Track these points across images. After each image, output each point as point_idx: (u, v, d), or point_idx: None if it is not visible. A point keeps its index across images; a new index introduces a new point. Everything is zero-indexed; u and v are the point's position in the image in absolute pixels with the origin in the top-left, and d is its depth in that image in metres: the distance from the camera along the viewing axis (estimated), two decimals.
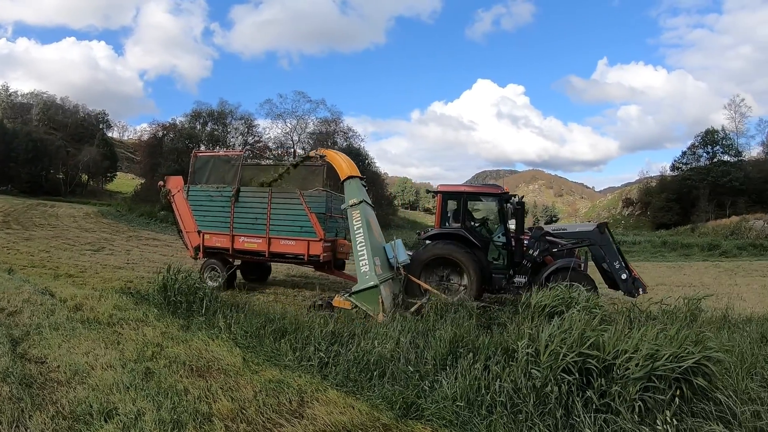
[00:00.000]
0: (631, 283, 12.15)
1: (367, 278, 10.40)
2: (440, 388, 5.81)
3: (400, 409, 5.63)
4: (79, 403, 5.38)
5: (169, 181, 15.70)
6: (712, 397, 5.25)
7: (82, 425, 4.98)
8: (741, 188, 54.35)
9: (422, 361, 6.56)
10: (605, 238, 12.62)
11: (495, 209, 13.38)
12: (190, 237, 14.94)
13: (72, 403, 5.42)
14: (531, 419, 5.05)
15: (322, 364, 6.86)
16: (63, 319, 8.69)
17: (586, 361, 5.41)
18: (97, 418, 5.09)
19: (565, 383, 5.22)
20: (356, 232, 11.00)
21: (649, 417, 4.92)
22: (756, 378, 6.04)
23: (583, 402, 5.16)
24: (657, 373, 5.16)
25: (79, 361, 6.63)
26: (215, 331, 8.23)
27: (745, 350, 6.96)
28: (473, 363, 6.08)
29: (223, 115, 51.57)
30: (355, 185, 11.72)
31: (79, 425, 4.99)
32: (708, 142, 61.46)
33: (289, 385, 6.21)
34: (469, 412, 5.36)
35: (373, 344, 7.05)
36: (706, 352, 5.48)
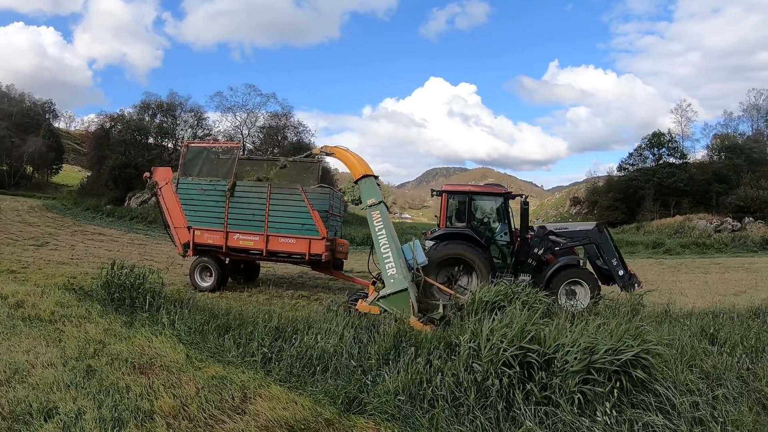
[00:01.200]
0: (627, 279, 12.63)
1: (396, 281, 9.86)
2: (383, 382, 5.80)
3: (342, 403, 5.60)
4: (18, 403, 5.22)
5: (156, 173, 14.82)
6: (652, 388, 5.34)
7: (22, 425, 4.84)
8: (685, 189, 55.98)
9: (365, 356, 6.53)
10: (603, 237, 13.20)
11: (499, 208, 13.56)
12: (179, 233, 14.18)
13: (11, 402, 5.24)
14: (472, 412, 5.06)
15: (265, 360, 6.77)
16: (3, 317, 8.43)
17: (527, 355, 5.45)
18: (37, 417, 4.95)
19: (505, 376, 5.25)
20: (378, 233, 10.48)
21: (589, 409, 5.00)
22: (695, 370, 6.19)
23: (524, 395, 5.19)
24: (596, 366, 5.24)
25: (20, 360, 6.42)
26: (159, 327, 8.04)
27: (685, 344, 7.14)
28: (415, 357, 6.08)
29: (172, 107, 50.50)
30: (371, 184, 11.18)
31: (18, 425, 4.84)
32: (654, 144, 63.18)
33: (232, 381, 6.13)
34: (411, 406, 5.35)
35: (316, 339, 6.98)
36: (644, 346, 5.59)
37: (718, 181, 55.49)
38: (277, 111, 46.87)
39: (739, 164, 55.80)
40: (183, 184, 14.18)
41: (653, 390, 5.32)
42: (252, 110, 45.82)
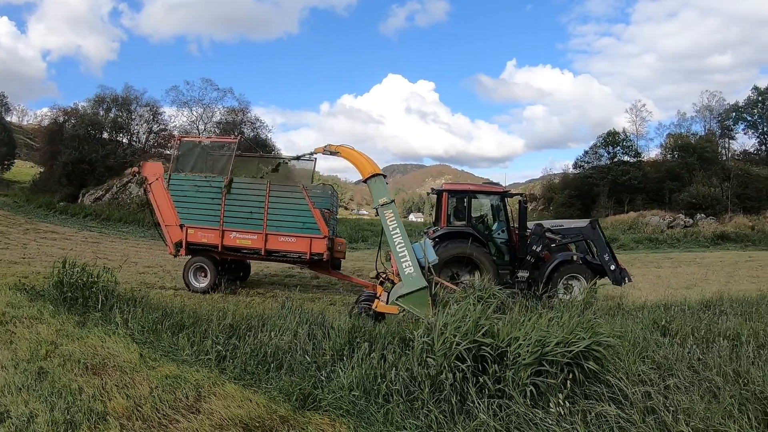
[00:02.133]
0: (618, 273, 13.32)
1: (414, 280, 9.69)
2: (337, 378, 5.78)
3: (297, 400, 5.57)
4: None
5: (145, 168, 14.23)
6: (604, 379, 5.41)
7: None
8: (639, 186, 57.17)
9: (320, 352, 6.50)
10: (596, 233, 13.84)
11: (497, 207, 14.05)
12: (170, 231, 13.66)
13: None
14: (427, 406, 5.06)
15: (219, 358, 6.70)
16: None
17: (481, 348, 5.47)
18: None
19: (459, 370, 5.27)
20: (393, 232, 10.20)
21: (542, 400, 5.04)
22: (647, 361, 6.27)
23: (478, 388, 5.22)
24: (548, 359, 5.28)
25: None
26: (112, 327, 7.85)
27: (637, 335, 7.32)
28: (369, 353, 6.07)
29: (128, 101, 49.32)
30: (381, 183, 10.88)
31: None
32: (609, 143, 64.36)
33: (186, 380, 6.06)
34: (366, 401, 5.34)
35: (270, 336, 6.92)
36: (596, 338, 5.67)
37: (671, 178, 56.89)
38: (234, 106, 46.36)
39: (691, 163, 57.25)
40: (175, 179, 13.72)
41: (606, 381, 5.38)
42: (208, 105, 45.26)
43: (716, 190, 53.35)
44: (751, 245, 38.71)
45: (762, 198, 55.15)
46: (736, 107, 63.72)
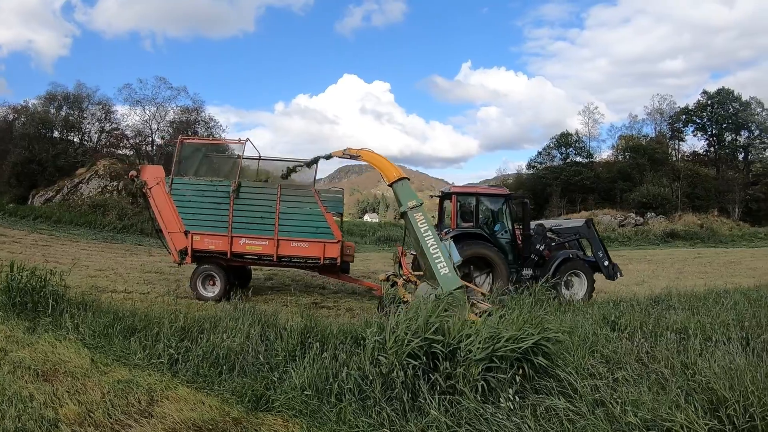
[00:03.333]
0: (611, 268, 14.29)
1: (450, 279, 9.97)
2: (289, 378, 5.78)
3: (250, 402, 5.56)
4: None
5: (144, 171, 13.39)
6: (554, 374, 5.53)
7: None
8: (591, 187, 58.44)
9: (272, 353, 6.49)
10: (591, 232, 14.73)
11: (502, 208, 14.32)
12: (174, 238, 12.93)
13: None
14: (379, 404, 5.10)
15: (172, 361, 6.61)
16: None
17: (432, 346, 5.54)
18: None
19: (410, 368, 5.32)
20: (425, 234, 10.43)
21: (493, 396, 5.12)
22: (597, 355, 6.45)
23: (430, 385, 5.28)
24: (498, 355, 5.38)
25: None
26: (62, 332, 7.66)
27: (587, 331, 7.48)
28: (321, 352, 6.08)
29: (79, 99, 47.78)
30: (407, 186, 11.17)
31: None
32: (562, 144, 65.68)
33: (138, 384, 5.96)
34: (319, 401, 5.35)
35: (222, 338, 6.86)
36: (545, 334, 5.80)
37: (623, 179, 58.38)
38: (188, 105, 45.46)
39: (642, 163, 58.81)
40: (178, 184, 13.01)
41: (555, 375, 5.51)
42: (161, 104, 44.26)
43: (666, 190, 55.08)
44: (699, 242, 39.95)
45: (710, 197, 57.13)
46: (687, 110, 65.43)
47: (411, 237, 11.30)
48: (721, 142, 64.97)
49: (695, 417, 4.48)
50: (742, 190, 58.01)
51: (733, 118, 62.61)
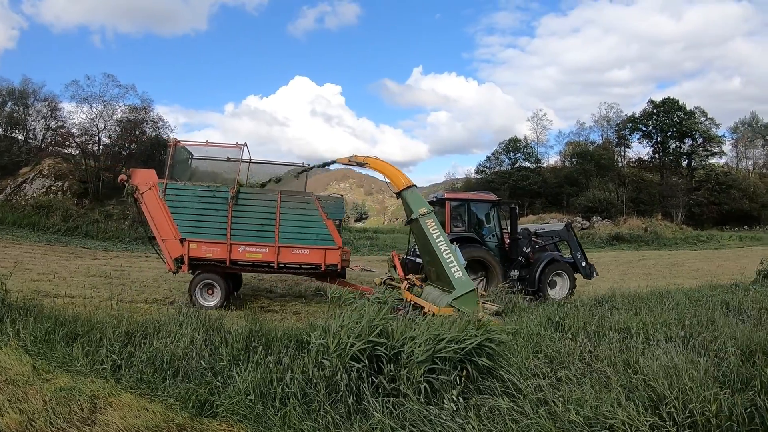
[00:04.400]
0: (588, 269, 15.59)
1: (464, 283, 10.45)
2: (233, 383, 5.72)
3: (194, 407, 5.48)
4: None
5: (135, 176, 12.80)
6: (497, 374, 5.60)
7: None
8: (538, 191, 59.61)
9: (217, 358, 6.42)
10: (570, 235, 16.15)
11: (489, 213, 15.15)
12: (169, 246, 12.48)
13: None
14: (323, 408, 5.09)
15: (115, 367, 6.45)
16: None
17: (376, 349, 5.56)
18: None
19: (354, 371, 5.32)
20: (437, 240, 10.87)
21: (437, 397, 5.16)
22: (540, 355, 6.54)
23: (374, 387, 5.30)
24: (440, 356, 5.44)
25: None
26: (3, 338, 7.41)
27: (532, 331, 7.60)
28: (265, 356, 6.05)
29: (25, 94, 45.90)
30: (417, 194, 11.59)
31: None
32: (511, 149, 66.89)
33: (81, 391, 5.80)
34: (263, 406, 5.30)
35: (166, 343, 6.73)
36: (488, 335, 5.90)
37: (570, 183, 59.85)
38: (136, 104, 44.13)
39: (588, 169, 60.38)
40: (172, 189, 12.52)
41: (499, 376, 5.57)
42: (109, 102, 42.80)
43: (612, 195, 56.93)
44: (644, 245, 41.03)
45: (654, 202, 58.95)
46: (633, 118, 67.28)
47: (419, 243, 11.92)
48: (665, 149, 66.97)
49: (636, 414, 4.57)
50: (685, 195, 59.99)
51: (677, 127, 64.59)
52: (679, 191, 59.80)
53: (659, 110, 65.72)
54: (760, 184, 65.39)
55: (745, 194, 62.03)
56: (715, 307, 9.87)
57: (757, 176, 68.76)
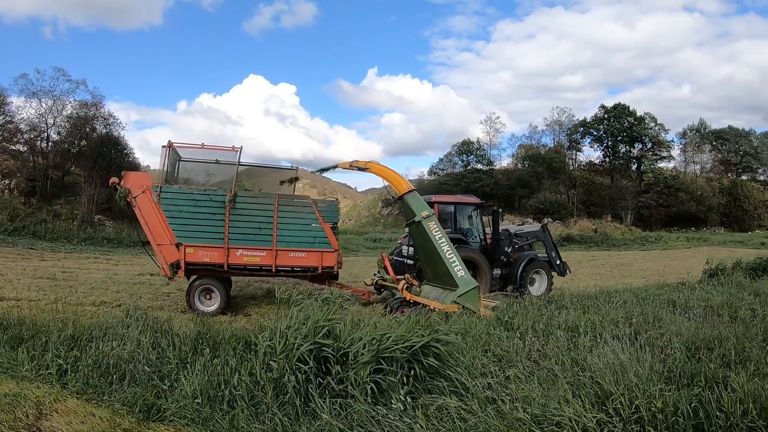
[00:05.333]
0: (562, 266, 16.67)
1: (467, 281, 11.10)
2: (181, 387, 5.66)
3: (140, 412, 5.42)
4: None
5: (127, 179, 12.37)
6: (445, 374, 5.67)
7: None
8: (491, 193, 60.22)
9: (165, 361, 6.32)
10: (546, 235, 17.33)
11: (472, 215, 16.13)
12: (164, 251, 12.18)
13: None
14: (271, 410, 5.07)
15: (61, 372, 6.33)
16: None
17: (323, 349, 5.57)
18: None
19: (301, 372, 5.33)
20: (440, 241, 11.48)
21: (384, 398, 5.19)
22: (489, 355, 6.65)
23: (323, 389, 5.31)
24: (386, 356, 5.48)
25: None
26: None
27: (481, 331, 7.69)
28: (213, 359, 6.01)
29: None
30: (418, 198, 12.17)
31: None
32: (464, 151, 67.60)
33: (26, 397, 5.69)
34: (211, 409, 5.26)
35: (112, 346, 6.61)
36: (435, 335, 5.98)
37: (521, 186, 60.81)
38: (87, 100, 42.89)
39: (540, 172, 61.49)
40: (168, 193, 12.27)
41: (447, 375, 5.64)
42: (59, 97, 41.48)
43: (563, 197, 58.05)
44: (594, 246, 41.80)
45: (604, 204, 60.50)
46: (584, 122, 68.74)
47: (418, 244, 12.67)
48: (615, 153, 68.61)
49: (583, 411, 4.66)
50: (634, 197, 61.63)
51: (627, 131, 66.24)
52: (629, 194, 61.39)
53: (610, 115, 67.29)
54: (707, 188, 67.49)
55: (693, 197, 64.14)
56: (661, 306, 10.13)
57: (705, 180, 70.85)
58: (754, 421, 4.62)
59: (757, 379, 5.25)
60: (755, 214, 69.72)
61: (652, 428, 4.58)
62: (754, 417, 4.65)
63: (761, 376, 5.35)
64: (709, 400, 4.89)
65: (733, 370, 5.76)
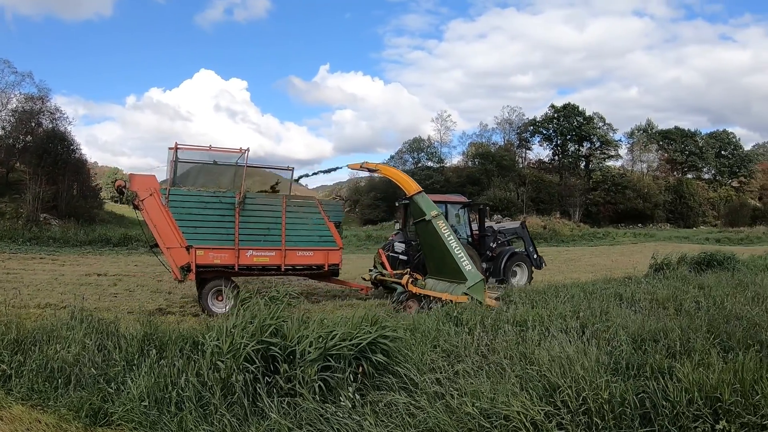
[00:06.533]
0: (539, 260, 18.03)
1: (474, 274, 11.89)
2: (127, 389, 5.55)
3: (87, 416, 5.32)
4: None
5: (134, 181, 12.09)
6: (394, 370, 5.74)
7: None
8: (441, 190, 60.75)
9: (111, 364, 6.19)
10: (525, 232, 18.75)
11: (459, 213, 16.76)
12: (174, 254, 11.95)
13: None
14: (219, 411, 5.03)
15: (5, 378, 6.12)
16: None
17: (270, 348, 5.56)
18: None
19: (249, 372, 5.31)
20: (449, 238, 12.33)
21: (333, 395, 5.21)
22: (438, 350, 6.73)
23: (271, 388, 5.30)
24: (333, 354, 5.51)
25: None
26: None
27: (430, 327, 7.79)
28: (159, 360, 5.91)
29: None
30: (427, 198, 13.04)
31: None
32: (415, 148, 68.44)
33: None
34: (158, 411, 5.19)
35: (57, 349, 6.41)
36: (382, 332, 6.03)
37: (472, 183, 61.72)
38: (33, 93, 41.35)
39: (490, 169, 62.52)
40: (176, 195, 12.10)
41: (395, 371, 5.71)
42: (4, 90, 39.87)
43: (512, 194, 58.86)
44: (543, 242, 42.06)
45: (553, 201, 61.81)
46: (534, 122, 70.10)
47: (425, 240, 13.42)
48: (564, 152, 70.12)
49: (530, 404, 4.74)
50: (582, 195, 63.15)
51: (576, 131, 67.77)
52: (577, 191, 62.89)
53: (560, 115, 68.77)
54: (653, 186, 69.57)
55: (640, 195, 66.06)
56: (609, 299, 10.31)
57: (651, 178, 72.99)
58: (700, 409, 4.77)
59: (701, 368, 5.42)
60: (700, 211, 72.35)
61: (600, 419, 4.70)
62: (700, 405, 4.80)
63: (706, 366, 5.53)
64: (655, 390, 5.02)
65: (679, 360, 5.93)
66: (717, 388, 4.97)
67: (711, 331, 7.36)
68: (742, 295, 10.09)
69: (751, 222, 66.12)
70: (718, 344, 6.73)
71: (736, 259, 18.00)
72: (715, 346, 6.61)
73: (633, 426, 4.72)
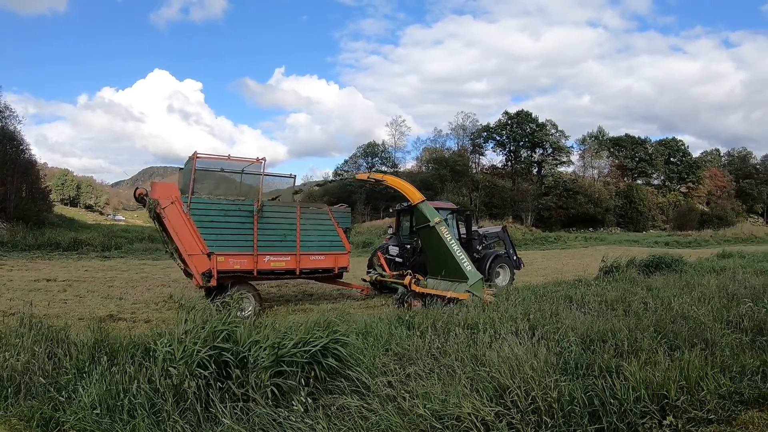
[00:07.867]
0: (518, 262, 19.17)
1: (474, 274, 13.39)
2: (79, 397, 5.47)
3: (38, 426, 5.24)
4: None
5: (156, 189, 12.22)
6: (346, 374, 5.82)
7: None
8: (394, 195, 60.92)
9: (61, 371, 6.10)
10: (506, 236, 19.94)
11: (448, 218, 16.76)
12: (196, 261, 12.06)
13: None
14: (172, 417, 5.00)
15: None
16: None
17: (222, 354, 5.59)
18: None
19: (202, 377, 5.32)
20: (451, 242, 13.84)
21: (286, 400, 5.26)
22: (390, 353, 6.85)
23: (224, 393, 5.32)
24: (285, 359, 5.58)
25: None
26: None
27: (382, 331, 7.86)
28: (110, 366, 5.82)
29: None
30: (429, 206, 14.49)
31: None
32: (369, 153, 68.73)
33: None
34: (111, 419, 5.12)
35: (5, 357, 6.25)
36: (333, 336, 6.14)
37: (426, 188, 61.73)
38: None
39: (444, 174, 63.03)
40: (198, 204, 12.21)
41: (347, 375, 5.79)
42: None
43: (465, 199, 59.32)
44: None
45: (506, 206, 62.72)
46: (488, 128, 71.02)
47: (427, 244, 14.88)
48: (517, 158, 71.23)
49: (481, 405, 4.87)
50: (534, 199, 64.18)
51: (529, 137, 68.91)
52: (529, 196, 63.89)
53: (513, 121, 69.87)
54: (604, 191, 71.09)
55: (591, 200, 67.42)
56: (559, 302, 10.59)
57: (602, 184, 74.64)
58: (647, 405, 4.97)
59: (648, 367, 5.64)
60: (649, 216, 74.28)
61: (549, 417, 4.88)
62: (647, 402, 5.00)
63: (653, 364, 5.75)
64: (603, 388, 5.24)
65: (626, 359, 6.18)
66: (664, 386, 5.22)
67: (658, 330, 7.67)
68: (688, 296, 10.37)
69: (698, 226, 68.08)
70: (665, 343, 7.03)
71: (684, 262, 18.82)
72: (662, 345, 6.90)
73: (582, 423, 4.90)
